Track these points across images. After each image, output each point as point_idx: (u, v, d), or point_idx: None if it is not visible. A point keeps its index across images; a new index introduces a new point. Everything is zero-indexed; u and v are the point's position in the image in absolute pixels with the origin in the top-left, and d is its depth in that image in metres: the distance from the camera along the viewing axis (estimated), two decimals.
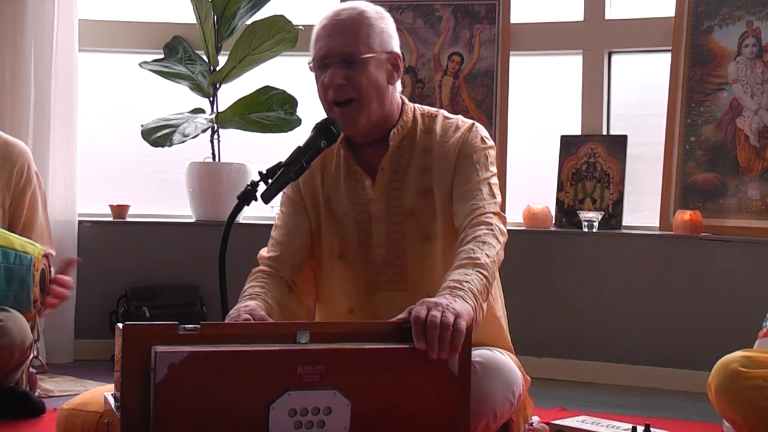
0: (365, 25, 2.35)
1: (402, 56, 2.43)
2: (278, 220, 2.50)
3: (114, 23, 4.83)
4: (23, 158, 3.37)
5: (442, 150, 2.40)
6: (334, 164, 2.47)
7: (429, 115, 2.47)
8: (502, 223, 2.31)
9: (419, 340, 1.90)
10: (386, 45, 2.38)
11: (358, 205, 2.43)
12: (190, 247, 4.52)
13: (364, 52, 2.33)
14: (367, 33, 2.35)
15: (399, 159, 2.42)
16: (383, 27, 2.39)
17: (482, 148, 2.40)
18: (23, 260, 3.10)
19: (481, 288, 2.11)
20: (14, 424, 3.08)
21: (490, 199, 2.32)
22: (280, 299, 2.35)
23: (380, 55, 2.36)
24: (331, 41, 2.35)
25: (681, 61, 4.36)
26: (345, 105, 2.35)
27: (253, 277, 2.40)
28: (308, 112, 4.49)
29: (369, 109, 2.36)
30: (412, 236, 2.39)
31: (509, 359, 2.37)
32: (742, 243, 4.04)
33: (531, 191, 4.45)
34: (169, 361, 1.75)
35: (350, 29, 2.34)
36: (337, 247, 2.44)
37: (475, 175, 2.35)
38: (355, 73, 2.33)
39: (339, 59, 2.33)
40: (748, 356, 2.63)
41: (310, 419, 1.84)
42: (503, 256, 2.27)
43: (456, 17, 4.60)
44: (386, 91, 2.39)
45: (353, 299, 2.42)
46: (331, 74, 2.34)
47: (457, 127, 2.43)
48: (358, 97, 2.34)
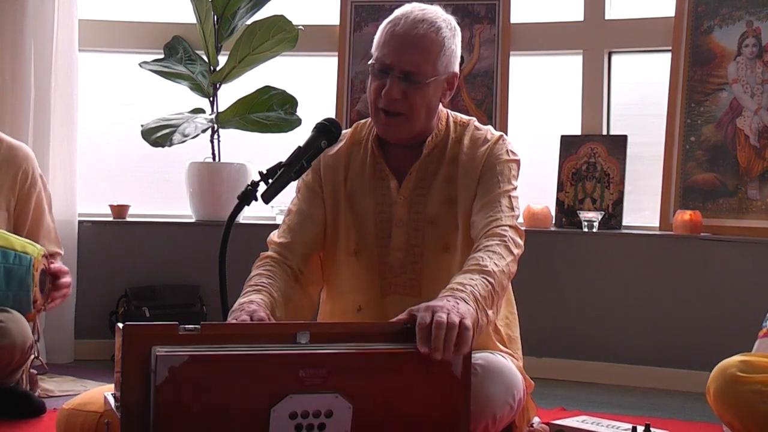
0: (438, 45, 2.31)
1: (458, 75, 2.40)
2: (293, 205, 2.48)
3: (114, 23, 4.83)
4: (27, 162, 3.39)
5: (468, 161, 2.39)
6: (360, 158, 2.46)
7: (461, 123, 2.46)
8: (518, 237, 2.30)
9: (423, 345, 1.89)
10: (450, 67, 2.36)
11: (381, 204, 2.42)
12: (190, 247, 4.52)
13: (430, 75, 2.31)
14: (438, 55, 2.31)
15: (427, 166, 2.41)
16: (453, 48, 2.35)
17: (506, 160, 2.39)
18: (23, 260, 3.10)
19: (485, 294, 2.09)
20: (14, 424, 3.08)
21: (508, 212, 2.31)
22: (285, 291, 2.33)
23: (442, 76, 2.34)
24: (401, 53, 2.29)
25: (681, 61, 4.36)
26: (393, 116, 2.34)
27: (261, 263, 2.38)
28: (308, 112, 4.50)
29: (415, 125, 2.35)
30: (431, 244, 2.38)
31: (510, 363, 2.36)
32: (742, 243, 4.04)
33: (531, 191, 4.44)
34: (169, 363, 1.75)
35: (424, 48, 2.30)
36: (353, 243, 2.43)
37: (497, 187, 2.35)
38: (414, 92, 2.30)
39: (403, 75, 2.30)
40: (746, 361, 2.62)
41: (311, 422, 1.83)
42: (515, 270, 2.26)
43: (456, 17, 4.60)
44: (436, 108, 2.38)
45: (364, 298, 2.42)
46: (390, 86, 2.30)
47: (485, 139, 2.42)
48: (409, 113, 2.33)
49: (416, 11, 2.34)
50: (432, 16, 2.34)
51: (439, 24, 2.33)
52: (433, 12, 2.36)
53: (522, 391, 2.33)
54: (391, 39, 2.31)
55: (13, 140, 3.44)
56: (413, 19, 2.32)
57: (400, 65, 2.29)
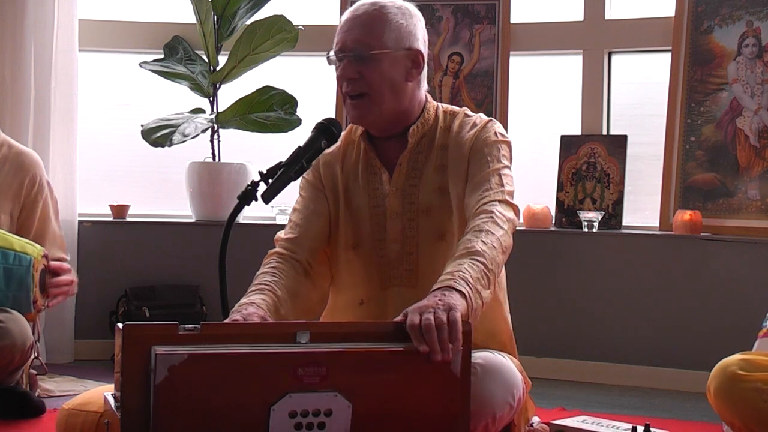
0: (381, 20, 2.35)
1: (423, 53, 2.41)
2: (297, 204, 2.50)
3: (114, 23, 4.83)
4: (35, 168, 3.39)
5: (457, 147, 2.40)
6: (354, 154, 2.48)
7: (451, 113, 2.47)
8: (510, 211, 2.29)
9: (420, 345, 1.89)
10: (404, 41, 2.37)
11: (375, 198, 2.43)
12: (190, 247, 4.52)
13: (376, 47, 2.33)
14: (382, 29, 2.34)
15: (417, 156, 2.42)
16: (402, 23, 2.37)
17: (494, 141, 2.39)
18: (23, 261, 3.10)
19: (475, 274, 2.09)
20: (14, 424, 3.09)
21: (498, 188, 2.30)
22: (292, 286, 2.34)
23: (396, 52, 2.35)
24: (346, 35, 2.35)
25: (681, 61, 4.36)
26: (357, 98, 2.36)
27: (268, 260, 2.39)
28: (308, 112, 4.50)
29: (381, 105, 2.36)
30: (426, 234, 2.39)
31: (510, 362, 2.35)
32: (742, 243, 4.04)
33: (531, 191, 4.44)
34: (169, 362, 1.75)
35: (365, 24, 2.35)
36: (351, 238, 2.44)
37: (486, 166, 2.35)
38: (368, 69, 2.33)
39: (352, 54, 2.34)
40: (746, 359, 2.62)
41: (311, 421, 1.83)
42: (510, 243, 2.24)
43: (456, 17, 4.60)
44: (403, 87, 2.38)
45: (365, 291, 2.42)
46: (344, 67, 2.35)
47: (474, 124, 2.42)
48: (370, 92, 2.35)
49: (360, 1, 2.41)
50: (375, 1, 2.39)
51: (384, 3, 2.38)
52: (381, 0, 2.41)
53: (522, 391, 2.33)
54: (341, 26, 2.39)
55: (22, 146, 3.45)
56: (357, 5, 2.39)
57: (348, 46, 2.35)
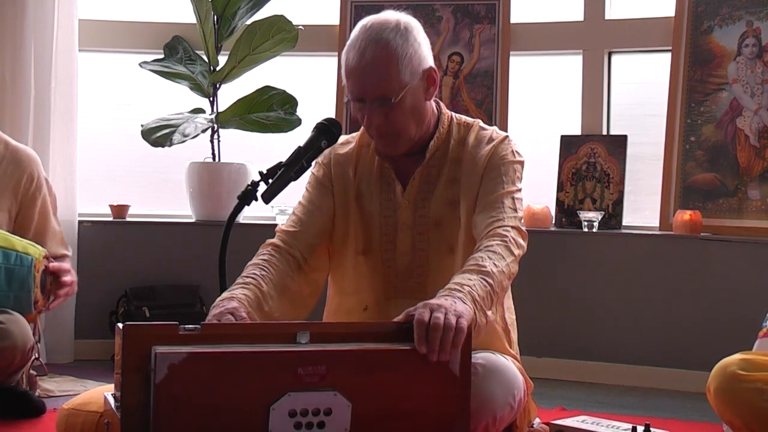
0: (392, 60, 2.27)
1: (435, 68, 2.37)
2: (303, 199, 2.49)
3: (114, 23, 4.83)
4: (33, 165, 3.39)
5: (471, 161, 2.39)
6: (368, 161, 2.47)
7: (465, 125, 2.46)
8: (521, 237, 2.30)
9: (421, 344, 1.89)
10: (419, 67, 2.31)
11: (387, 209, 2.43)
12: (190, 247, 4.52)
13: (399, 90, 2.28)
14: (398, 69, 2.27)
15: (430, 170, 2.41)
16: (410, 52, 2.29)
17: (511, 161, 2.39)
18: (24, 261, 3.10)
19: (483, 294, 2.09)
20: (14, 424, 3.09)
21: (511, 213, 2.31)
22: (281, 280, 2.33)
23: (413, 82, 2.31)
24: (363, 84, 2.29)
25: (681, 61, 4.36)
26: (386, 137, 2.35)
27: (263, 250, 2.38)
28: (308, 112, 4.50)
29: (408, 136, 2.35)
30: (436, 247, 2.38)
31: (511, 363, 2.35)
32: (742, 243, 4.04)
33: (531, 191, 4.43)
34: (169, 361, 1.75)
35: (378, 68, 2.27)
36: (361, 243, 2.44)
37: (501, 187, 2.34)
38: (393, 112, 2.29)
39: (376, 102, 2.29)
40: (746, 359, 2.62)
41: (311, 420, 1.84)
42: (516, 271, 2.25)
43: (456, 17, 4.61)
44: (424, 110, 2.37)
45: (369, 298, 2.43)
46: (370, 115, 2.30)
47: (490, 139, 2.41)
48: (399, 130, 2.33)
49: (361, 37, 2.30)
50: (376, 34, 2.28)
51: (386, 38, 2.28)
52: (378, 27, 2.30)
53: (523, 392, 2.33)
54: (351, 73, 2.31)
55: (18, 143, 3.45)
56: (359, 50, 2.28)
57: (368, 94, 2.29)
